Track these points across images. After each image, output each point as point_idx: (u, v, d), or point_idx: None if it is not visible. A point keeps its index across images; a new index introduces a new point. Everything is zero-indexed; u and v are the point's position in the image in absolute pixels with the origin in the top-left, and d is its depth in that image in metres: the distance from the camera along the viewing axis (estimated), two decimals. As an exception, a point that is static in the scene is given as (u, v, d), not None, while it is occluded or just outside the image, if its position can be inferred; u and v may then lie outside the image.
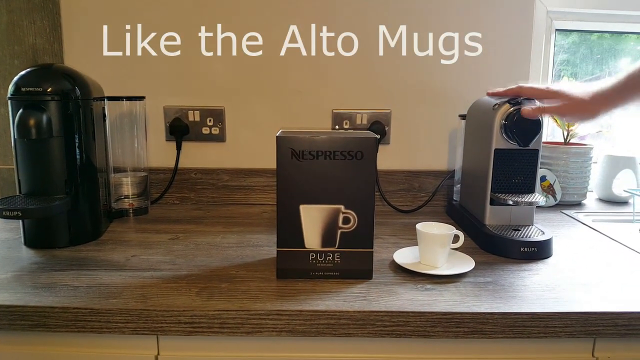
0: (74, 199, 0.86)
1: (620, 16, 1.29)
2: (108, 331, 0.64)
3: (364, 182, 0.71)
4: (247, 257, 0.83)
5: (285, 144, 0.70)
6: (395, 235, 0.95)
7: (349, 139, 0.70)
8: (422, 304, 0.65)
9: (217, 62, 1.15)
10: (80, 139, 0.86)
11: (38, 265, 0.78)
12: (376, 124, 1.18)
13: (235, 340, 0.67)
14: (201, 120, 1.17)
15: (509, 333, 0.64)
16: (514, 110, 0.85)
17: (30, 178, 0.85)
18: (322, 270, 0.73)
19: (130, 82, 1.16)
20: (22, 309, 0.63)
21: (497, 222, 0.91)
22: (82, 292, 0.68)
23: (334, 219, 0.72)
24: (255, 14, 1.14)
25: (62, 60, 1.14)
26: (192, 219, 1.06)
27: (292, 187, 0.71)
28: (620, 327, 0.64)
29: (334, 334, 0.64)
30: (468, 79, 1.17)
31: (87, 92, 0.88)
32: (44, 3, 1.11)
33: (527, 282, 0.73)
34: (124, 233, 0.95)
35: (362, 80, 1.17)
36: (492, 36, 1.15)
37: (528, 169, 0.90)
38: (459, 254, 0.81)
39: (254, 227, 1.00)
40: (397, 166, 1.20)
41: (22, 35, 1.12)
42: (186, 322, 0.63)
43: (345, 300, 0.66)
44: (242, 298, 0.66)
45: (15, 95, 0.82)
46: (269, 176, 1.19)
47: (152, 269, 0.76)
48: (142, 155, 1.11)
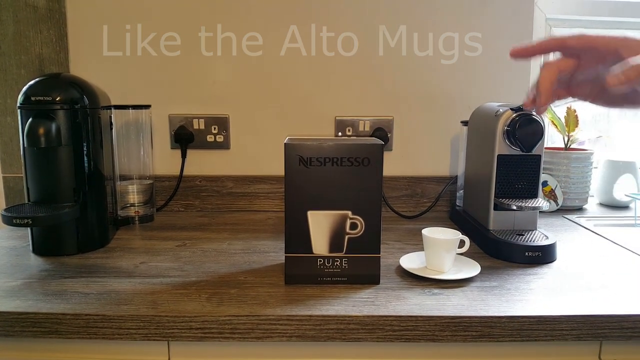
0: (82, 207, 0.86)
1: (618, 23, 1.32)
2: (119, 337, 0.64)
3: (371, 188, 0.72)
4: (255, 263, 0.83)
5: (293, 151, 0.71)
6: (400, 240, 0.96)
7: (356, 146, 0.71)
8: (430, 309, 0.66)
9: (222, 72, 1.17)
10: (89, 147, 0.87)
11: (48, 272, 0.78)
12: (379, 131, 1.20)
13: (246, 345, 0.67)
14: (206, 128, 1.18)
15: (516, 336, 0.64)
16: (516, 116, 0.86)
17: (39, 186, 0.86)
18: (330, 275, 0.74)
19: (136, 91, 1.17)
20: (34, 315, 0.64)
21: (501, 227, 0.92)
22: (92, 298, 0.68)
23: (341, 224, 0.73)
24: (258, 21, 1.15)
25: (67, 69, 1.15)
26: (197, 226, 1.06)
27: (299, 193, 0.72)
28: (626, 330, 0.64)
29: (343, 338, 0.64)
30: (469, 86, 1.19)
31: (95, 101, 0.89)
32: (50, 13, 1.12)
33: (532, 285, 0.74)
34: (130, 240, 0.96)
35: (365, 88, 1.19)
36: (492, 44, 1.17)
37: (531, 174, 0.91)
38: (464, 258, 0.81)
39: (260, 233, 1.01)
40: (400, 172, 1.21)
41: (29, 45, 1.13)
42: (197, 327, 0.64)
43: (354, 305, 0.67)
44: (252, 304, 0.67)
45: (25, 105, 0.83)
46: (273, 183, 1.20)
47: (161, 275, 0.77)
48: (147, 163, 1.12)
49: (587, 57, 0.57)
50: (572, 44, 0.56)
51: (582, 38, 0.56)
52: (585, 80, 0.60)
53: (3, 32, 1.13)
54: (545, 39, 0.59)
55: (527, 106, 0.60)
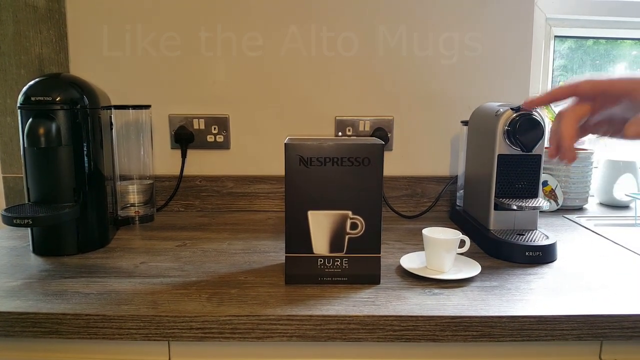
0: (83, 207, 0.86)
1: (617, 22, 1.32)
2: (120, 337, 0.64)
3: (371, 188, 0.72)
4: (255, 263, 0.83)
5: (293, 151, 0.71)
6: (400, 240, 0.96)
7: (356, 146, 0.71)
8: (430, 309, 0.66)
9: (222, 72, 1.17)
10: (89, 147, 0.87)
11: (48, 272, 0.78)
12: (379, 131, 1.19)
13: (247, 345, 0.67)
14: (206, 128, 1.18)
15: (516, 336, 0.64)
16: (517, 116, 0.86)
17: (39, 186, 0.86)
18: (330, 275, 0.74)
19: (136, 91, 1.17)
20: (35, 316, 0.64)
21: (501, 227, 0.92)
22: (93, 298, 0.68)
23: (341, 224, 0.73)
24: (258, 21, 1.15)
25: (67, 69, 1.15)
26: (197, 226, 1.06)
27: (300, 193, 0.72)
28: (627, 330, 0.64)
29: (344, 338, 0.64)
30: (469, 86, 1.19)
31: (95, 101, 0.89)
32: (50, 14, 1.12)
33: (533, 285, 0.74)
34: (131, 240, 0.96)
35: (365, 88, 1.19)
36: (492, 44, 1.17)
37: (531, 174, 0.91)
38: (464, 258, 0.81)
39: (260, 233, 1.01)
40: (400, 172, 1.21)
41: (29, 45, 1.13)
42: (197, 327, 0.64)
43: (354, 305, 0.67)
44: (252, 303, 0.67)
45: (25, 105, 0.83)
46: (273, 183, 1.20)
47: (161, 275, 0.77)
48: (147, 163, 1.12)
49: (600, 101, 0.56)
50: (585, 90, 0.56)
51: (594, 84, 0.56)
52: (600, 121, 0.60)
53: (3, 32, 1.13)
54: (557, 87, 0.59)
55: (552, 156, 0.59)
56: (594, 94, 0.56)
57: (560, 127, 0.56)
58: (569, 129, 0.56)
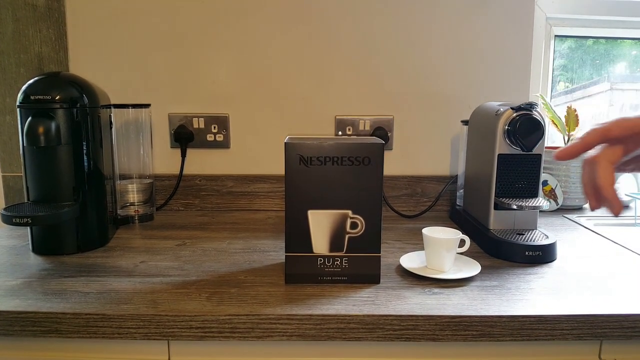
0: (82, 206, 0.86)
1: (617, 22, 1.32)
2: (119, 337, 0.64)
3: (371, 187, 0.72)
4: (255, 262, 0.83)
5: (293, 150, 0.71)
6: (400, 240, 0.96)
7: (356, 145, 0.71)
8: (430, 308, 0.66)
9: (222, 71, 1.17)
10: (88, 146, 0.87)
11: (47, 271, 0.78)
12: (379, 130, 1.19)
13: (246, 344, 0.67)
14: (206, 127, 1.18)
15: (516, 336, 0.64)
16: (517, 115, 0.86)
17: (38, 185, 0.86)
18: (330, 275, 0.74)
19: (136, 90, 1.17)
20: (34, 315, 0.64)
21: (501, 226, 0.92)
22: (92, 298, 0.68)
23: (341, 224, 0.73)
24: (258, 21, 1.15)
25: (67, 68, 1.15)
26: (197, 225, 1.06)
27: (300, 192, 0.72)
28: (626, 330, 0.64)
29: (344, 338, 0.64)
30: (469, 85, 1.19)
31: (95, 100, 0.89)
32: (49, 12, 1.12)
33: (533, 285, 0.74)
34: (130, 239, 0.96)
35: (365, 88, 1.18)
36: (492, 44, 1.17)
37: (531, 173, 0.91)
38: (464, 258, 0.81)
39: (260, 232, 1.01)
40: (400, 171, 1.21)
41: (28, 44, 1.13)
42: (197, 327, 0.64)
43: (354, 304, 0.67)
44: (252, 303, 0.67)
45: (24, 104, 0.83)
46: (273, 182, 1.20)
47: (161, 274, 0.77)
48: (147, 162, 1.12)
49: (631, 142, 0.56)
50: (616, 134, 0.55)
51: (626, 125, 0.55)
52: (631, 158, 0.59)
53: (2, 31, 1.12)
54: (587, 133, 0.57)
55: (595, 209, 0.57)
56: (625, 136, 0.55)
57: (598, 177, 0.54)
58: (607, 177, 0.54)
